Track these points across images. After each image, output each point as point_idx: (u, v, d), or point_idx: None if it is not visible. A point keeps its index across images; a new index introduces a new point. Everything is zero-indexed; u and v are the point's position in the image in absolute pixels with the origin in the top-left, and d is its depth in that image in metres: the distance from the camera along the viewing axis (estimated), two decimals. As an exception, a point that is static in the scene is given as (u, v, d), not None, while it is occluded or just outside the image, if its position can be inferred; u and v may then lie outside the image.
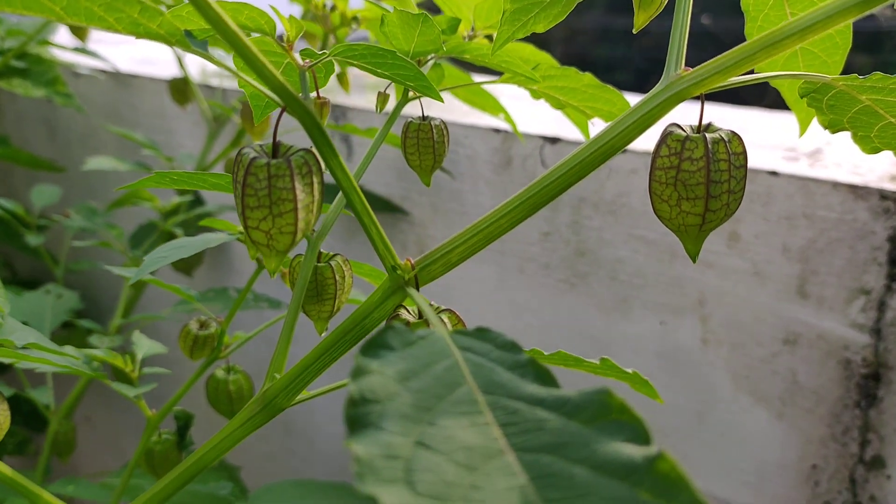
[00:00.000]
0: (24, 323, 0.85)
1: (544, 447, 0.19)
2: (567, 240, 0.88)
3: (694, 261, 0.32)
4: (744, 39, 0.42)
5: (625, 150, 0.84)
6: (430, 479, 0.18)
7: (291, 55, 0.31)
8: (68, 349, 0.56)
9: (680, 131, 0.31)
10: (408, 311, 0.33)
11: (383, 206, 0.98)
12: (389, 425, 0.19)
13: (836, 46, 0.40)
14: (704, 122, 0.32)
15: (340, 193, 0.44)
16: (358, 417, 0.19)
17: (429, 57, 0.46)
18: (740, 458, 0.84)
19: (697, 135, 0.30)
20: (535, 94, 0.49)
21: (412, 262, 0.33)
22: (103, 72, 1.17)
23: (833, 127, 0.36)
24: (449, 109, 0.97)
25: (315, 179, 0.29)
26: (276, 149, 0.29)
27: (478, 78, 0.74)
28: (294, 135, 1.03)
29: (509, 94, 0.96)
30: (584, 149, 0.31)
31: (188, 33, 0.28)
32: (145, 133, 1.14)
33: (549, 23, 0.37)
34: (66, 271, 1.02)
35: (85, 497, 0.70)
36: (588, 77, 0.45)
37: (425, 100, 1.03)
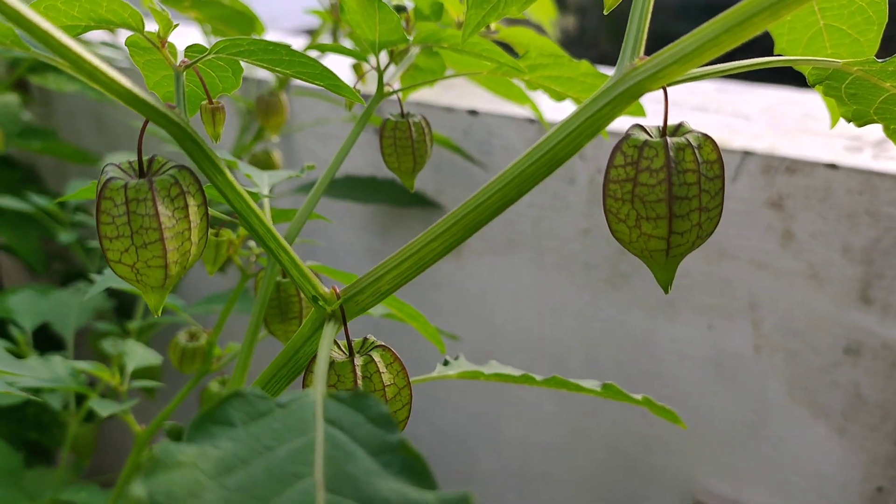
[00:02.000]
0: (45, 324, 0.84)
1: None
2: (608, 237, 0.82)
3: (666, 291, 0.26)
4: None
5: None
6: None
7: (164, 52, 0.26)
8: (55, 362, 0.54)
9: (640, 135, 0.25)
10: (338, 346, 0.29)
11: (416, 200, 0.94)
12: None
13: (868, 21, 0.33)
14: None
15: (308, 199, 0.39)
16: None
17: (409, 46, 0.41)
18: (797, 475, 0.76)
19: (657, 140, 0.24)
20: (531, 86, 0.43)
21: (337, 291, 0.28)
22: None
23: (858, 119, 0.30)
24: (486, 98, 0.92)
25: (192, 201, 0.25)
26: (142, 166, 0.25)
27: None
28: (319, 129, 0.99)
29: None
30: (522, 160, 0.26)
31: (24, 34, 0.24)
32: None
33: (522, 5, 0.32)
34: (102, 267, 1.01)
35: (96, 504, 0.68)
36: (584, 65, 0.39)
37: (467, 86, 0.98)
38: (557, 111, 0.81)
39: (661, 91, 0.25)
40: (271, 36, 0.92)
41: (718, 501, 0.82)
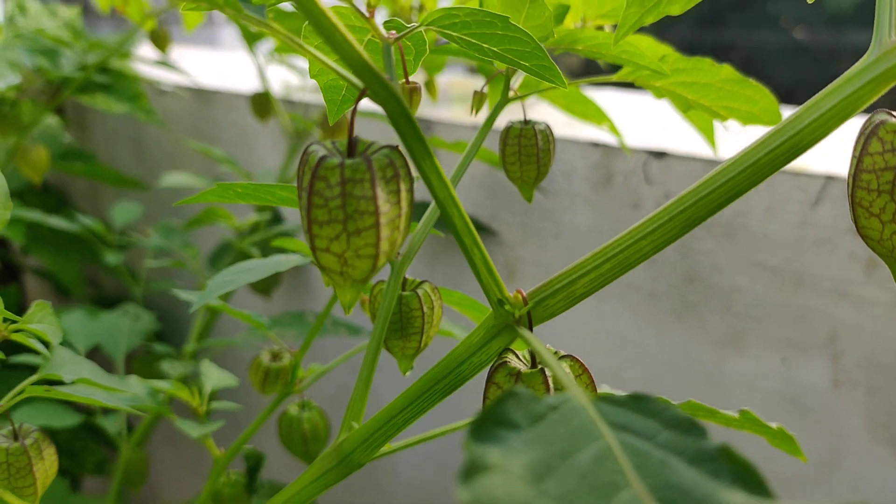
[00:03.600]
0: (97, 346, 0.81)
1: None
2: (674, 265, 0.80)
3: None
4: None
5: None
6: None
7: (374, 25, 0.24)
8: (132, 381, 0.51)
9: (894, 120, 0.23)
10: (516, 356, 0.26)
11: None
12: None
13: None
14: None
15: (431, 206, 0.37)
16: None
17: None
18: (877, 517, 0.73)
19: None
20: (658, 93, 0.41)
21: (524, 294, 0.26)
22: (187, 89, 1.15)
23: None
24: (544, 120, 0.90)
25: (402, 186, 0.22)
26: (352, 146, 0.23)
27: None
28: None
29: (604, 103, 0.88)
30: (757, 147, 0.24)
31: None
32: (226, 149, 1.11)
33: (685, 4, 0.30)
34: (146, 291, 0.99)
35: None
36: (726, 70, 0.37)
37: (521, 108, 0.96)
38: (630, 133, 0.80)
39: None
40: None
41: (790, 543, 0.78)
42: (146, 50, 1.17)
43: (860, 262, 0.69)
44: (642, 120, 0.90)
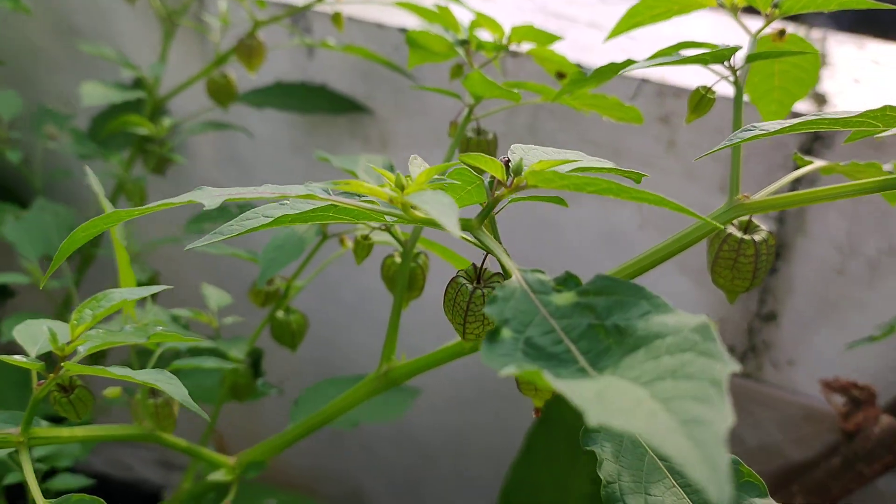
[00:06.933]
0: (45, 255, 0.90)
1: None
2: (524, 140, 1.00)
3: (732, 303, 0.46)
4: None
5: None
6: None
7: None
8: (155, 311, 0.65)
9: (736, 234, 0.44)
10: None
11: (348, 105, 1.05)
12: (629, 500, 0.33)
13: (802, 83, 0.53)
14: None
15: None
16: (609, 496, 0.33)
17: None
18: (664, 314, 1.04)
19: (749, 238, 0.44)
20: (570, 105, 0.59)
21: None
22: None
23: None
24: (414, 20, 1.02)
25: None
26: (479, 277, 0.40)
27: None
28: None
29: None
30: (664, 246, 0.44)
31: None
32: (89, 35, 1.12)
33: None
34: (46, 181, 1.04)
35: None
36: (613, 99, 0.56)
37: (394, 7, 1.06)
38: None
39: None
40: None
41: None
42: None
43: (662, 143, 0.93)
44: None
